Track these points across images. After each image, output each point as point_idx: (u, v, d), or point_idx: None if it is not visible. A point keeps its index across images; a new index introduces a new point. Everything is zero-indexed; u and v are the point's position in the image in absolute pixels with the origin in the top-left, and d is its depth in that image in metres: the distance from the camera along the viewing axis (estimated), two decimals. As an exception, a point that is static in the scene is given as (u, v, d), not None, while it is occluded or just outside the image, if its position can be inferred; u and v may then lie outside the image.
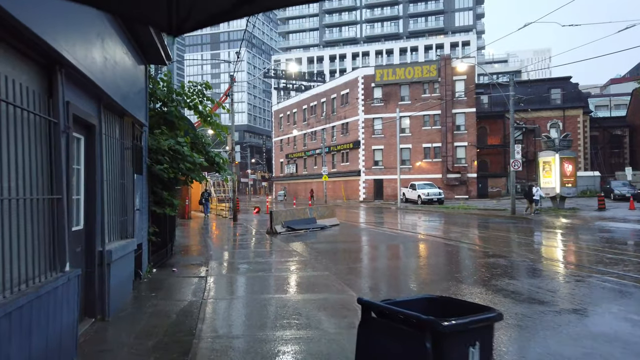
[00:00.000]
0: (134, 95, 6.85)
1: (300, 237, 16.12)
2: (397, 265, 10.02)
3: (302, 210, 19.12)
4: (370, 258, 11.52)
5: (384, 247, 13.38)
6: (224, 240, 14.68)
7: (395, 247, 13.21)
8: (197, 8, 1.93)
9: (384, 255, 11.94)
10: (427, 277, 8.48)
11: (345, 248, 13.15)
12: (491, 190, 45.07)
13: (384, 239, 15.26)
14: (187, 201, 24.06)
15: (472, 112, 44.90)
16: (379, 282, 8.30)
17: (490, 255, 10.98)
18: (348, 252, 12.30)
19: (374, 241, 15.01)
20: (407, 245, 13.37)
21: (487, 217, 24.85)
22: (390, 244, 14.08)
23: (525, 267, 9.41)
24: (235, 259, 10.79)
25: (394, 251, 12.55)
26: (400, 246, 13.34)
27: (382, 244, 14.25)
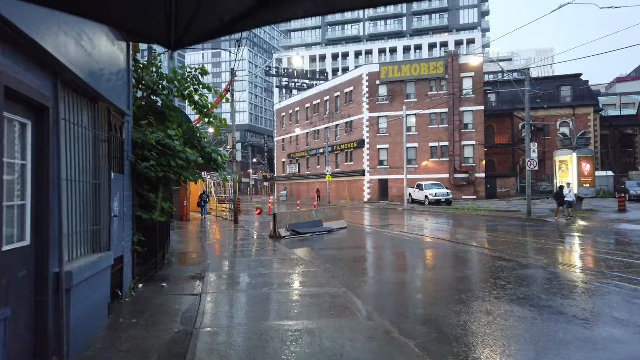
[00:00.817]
0: (111, 76, 5.61)
1: (306, 242, 14.87)
2: (424, 279, 8.75)
3: (308, 212, 17.87)
4: (389, 269, 10.25)
5: (402, 255, 12.11)
6: (223, 246, 13.43)
7: (415, 255, 11.94)
8: (197, 23, 1.99)
9: (404, 265, 10.67)
10: (471, 294, 7.23)
11: (357, 256, 11.88)
12: (500, 191, 43.75)
13: (399, 245, 14.00)
14: (185, 202, 22.83)
15: (481, 110, 43.59)
16: (407, 303, 7.03)
17: (523, 265, 9.71)
18: (361, 262, 11.03)
19: (389, 247, 13.75)
20: (426, 253, 12.10)
21: (502, 220, 23.55)
22: (407, 250, 12.81)
23: (569, 282, 8.14)
24: (235, 269, 9.53)
25: (415, 260, 11.28)
26: (419, 253, 12.07)
27: (399, 250, 12.98)
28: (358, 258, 11.43)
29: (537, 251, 12.10)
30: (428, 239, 14.93)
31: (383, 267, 10.29)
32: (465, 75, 43.34)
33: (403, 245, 13.85)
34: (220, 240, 15.02)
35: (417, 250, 12.51)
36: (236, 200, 21.45)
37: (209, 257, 10.84)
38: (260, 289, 7.36)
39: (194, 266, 9.75)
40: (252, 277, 8.51)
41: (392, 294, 7.57)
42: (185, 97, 8.42)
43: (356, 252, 12.68)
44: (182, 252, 12.15)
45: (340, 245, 14.13)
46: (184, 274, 8.82)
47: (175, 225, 19.89)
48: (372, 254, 12.40)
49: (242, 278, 8.46)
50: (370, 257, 11.86)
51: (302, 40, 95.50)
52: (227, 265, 9.86)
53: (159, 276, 8.36)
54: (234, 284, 8.02)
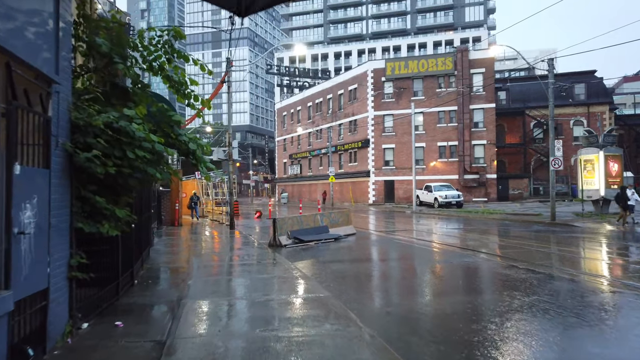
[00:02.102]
0: (20, 16, 3.59)
1: (310, 251, 12.83)
2: (473, 308, 6.69)
3: (312, 217, 15.82)
4: (419, 292, 8.19)
5: (427, 271, 10.03)
6: (212, 259, 11.37)
7: (443, 272, 9.87)
8: None
9: (435, 287, 8.60)
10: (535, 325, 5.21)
11: (372, 272, 9.84)
12: (512, 193, 41.64)
13: (419, 256, 11.94)
14: (177, 205, 20.81)
15: (492, 108, 41.51)
16: (460, 350, 4.99)
17: (605, 290, 7.65)
18: (380, 280, 8.99)
19: (407, 259, 11.69)
20: (456, 269, 10.04)
21: (524, 225, 21.48)
22: (430, 264, 10.74)
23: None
24: (220, 294, 7.45)
25: (446, 280, 9.21)
26: (448, 270, 10.00)
27: (421, 264, 10.91)
28: (374, 275, 9.38)
29: (603, 266, 10.05)
30: (451, 249, 12.86)
31: (411, 290, 8.22)
32: (475, 71, 41.30)
33: (423, 256, 11.78)
34: (211, 251, 12.97)
35: (443, 265, 10.44)
36: (232, 203, 19.41)
37: (193, 275, 8.80)
38: (253, 330, 5.30)
39: (172, 288, 7.71)
40: (241, 308, 6.46)
41: (431, 332, 5.53)
42: (155, 69, 6.39)
43: (370, 266, 10.62)
44: (162, 266, 10.10)
45: (350, 256, 12.08)
46: (155, 301, 6.77)
47: (164, 231, 17.86)
48: (391, 270, 10.33)
49: (229, 309, 6.41)
50: (389, 273, 9.80)
51: (304, 39, 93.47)
52: (212, 288, 7.80)
53: (120, 306, 6.32)
54: (217, 319, 5.96)
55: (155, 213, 15.91)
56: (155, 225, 15.44)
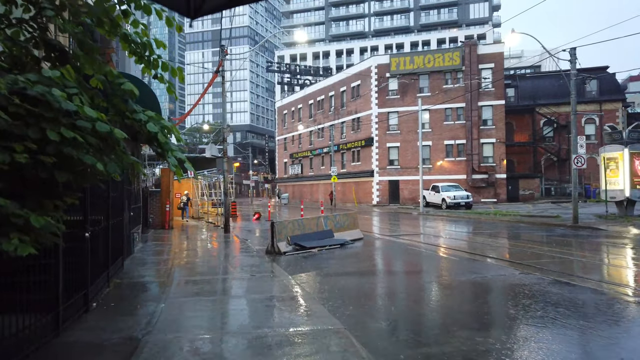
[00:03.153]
0: None
1: (312, 260, 11.14)
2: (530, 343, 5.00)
3: (315, 220, 14.13)
4: (456, 322, 6.49)
5: (460, 288, 8.32)
6: (198, 271, 9.67)
7: (479, 289, 8.16)
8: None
9: (478, 314, 6.90)
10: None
11: (393, 290, 8.13)
12: (523, 193, 39.90)
13: (444, 268, 10.22)
14: (167, 207, 19.11)
15: (501, 105, 39.77)
16: None
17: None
18: (406, 303, 7.29)
19: (428, 270, 9.98)
20: (490, 284, 8.33)
21: (545, 228, 19.77)
22: (461, 279, 9.01)
23: None
24: (198, 328, 5.72)
25: (491, 301, 7.51)
26: (483, 286, 8.29)
27: (450, 278, 9.20)
28: (396, 295, 7.68)
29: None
30: (476, 258, 11.15)
31: (446, 318, 6.52)
32: (484, 66, 39.58)
33: (447, 268, 10.07)
34: (199, 260, 11.27)
35: (477, 280, 8.73)
36: (227, 204, 17.71)
37: (170, 294, 7.10)
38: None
39: (138, 315, 6.01)
40: (226, 349, 4.77)
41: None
42: (107, 28, 4.69)
43: (386, 281, 8.91)
44: (137, 281, 8.41)
45: (360, 267, 10.37)
46: (108, 337, 5.07)
47: (151, 236, 16.17)
48: (415, 287, 8.60)
49: (207, 351, 4.71)
50: (415, 293, 8.07)
51: (305, 37, 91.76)
52: (189, 314, 6.10)
53: (57, 346, 4.63)
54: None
55: (141, 215, 14.22)
56: (139, 229, 13.75)
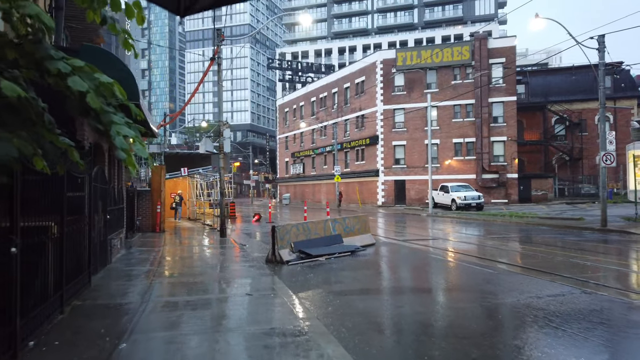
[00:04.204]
0: None
1: (320, 272, 9.46)
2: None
3: (321, 223, 12.45)
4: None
5: (511, 311, 6.62)
6: (182, 288, 7.99)
7: (536, 313, 6.46)
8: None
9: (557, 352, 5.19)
10: None
11: (427, 315, 6.44)
12: (535, 194, 38.16)
13: (480, 283, 8.53)
14: (158, 208, 17.43)
15: (512, 101, 38.06)
16: None
17: None
18: (452, 338, 5.61)
19: (472, 290, 8.26)
20: (552, 306, 6.64)
21: (572, 232, 18.06)
22: (506, 298, 7.34)
23: None
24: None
25: (563, 330, 5.82)
26: (539, 308, 6.59)
27: (490, 296, 7.50)
28: (433, 325, 5.97)
29: None
30: (512, 270, 9.46)
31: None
32: (494, 61, 37.87)
33: (482, 282, 8.36)
34: (186, 271, 9.59)
35: (527, 301, 7.00)
36: (223, 204, 16.04)
37: (137, 325, 5.43)
38: None
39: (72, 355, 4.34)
40: None
41: None
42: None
43: (416, 303, 7.20)
44: (102, 302, 6.72)
45: (379, 281, 8.70)
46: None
47: (137, 241, 14.50)
48: (454, 311, 6.89)
49: None
50: (457, 320, 6.36)
51: (307, 34, 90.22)
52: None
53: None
54: None
55: (124, 218, 12.55)
56: (121, 234, 12.08)
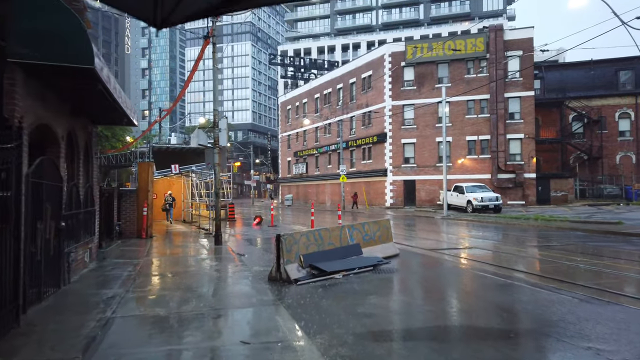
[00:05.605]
0: None
1: (338, 295, 7.21)
2: None
3: (336, 231, 10.18)
4: None
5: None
6: (149, 326, 5.74)
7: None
8: (184, 4, 1.94)
9: None
10: None
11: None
12: (554, 195, 35.82)
13: (565, 315, 6.25)
14: (145, 210, 15.16)
15: (530, 96, 35.76)
16: None
17: None
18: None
19: (560, 328, 6.02)
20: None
21: (617, 237, 15.79)
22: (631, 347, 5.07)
23: None
24: None
25: None
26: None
27: (603, 346, 5.24)
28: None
29: None
30: (606, 298, 7.19)
31: None
32: (511, 54, 35.56)
33: (573, 317, 6.10)
34: (165, 295, 7.32)
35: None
36: (218, 206, 13.77)
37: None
38: None
39: None
40: None
41: None
42: None
43: (490, 354, 4.95)
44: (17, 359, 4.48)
45: (422, 314, 6.43)
46: None
47: (116, 250, 12.23)
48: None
49: None
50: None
51: (309, 31, 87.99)
52: None
53: None
54: None
55: (95, 223, 10.30)
56: (91, 243, 9.83)
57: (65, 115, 7.87)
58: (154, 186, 24.59)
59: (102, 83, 6.39)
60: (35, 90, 6.27)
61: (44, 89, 6.62)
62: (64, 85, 6.84)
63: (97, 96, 7.32)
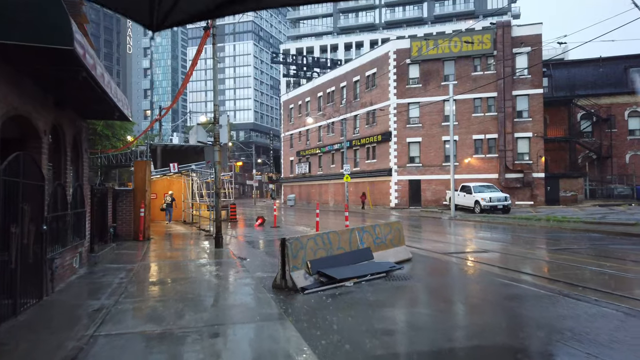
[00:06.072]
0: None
1: (350, 305, 6.46)
2: None
3: (346, 234, 9.43)
4: None
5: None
6: (134, 346, 4.99)
7: None
8: (183, 4, 1.92)
9: None
10: None
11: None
12: (564, 195, 34.98)
13: (625, 338, 5.50)
14: (142, 211, 14.44)
15: (539, 94, 34.94)
16: None
17: None
18: None
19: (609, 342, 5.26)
20: None
21: (636, 239, 15.02)
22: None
23: None
24: None
25: None
26: None
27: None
28: None
29: None
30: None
31: None
32: (518, 50, 34.74)
33: (613, 328, 5.35)
34: (158, 309, 6.59)
35: None
36: (219, 207, 13.03)
37: None
38: None
39: None
40: None
41: None
42: None
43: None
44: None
45: (451, 330, 5.68)
46: None
47: (110, 253, 11.49)
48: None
49: None
50: None
51: (312, 29, 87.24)
52: None
53: None
54: None
55: (86, 224, 9.58)
56: (81, 247, 9.11)
57: (49, 107, 7.14)
58: (154, 186, 23.92)
59: (86, 69, 5.65)
60: (8, 77, 5.53)
61: (18, 76, 5.88)
62: (43, 72, 6.10)
63: (83, 86, 6.58)
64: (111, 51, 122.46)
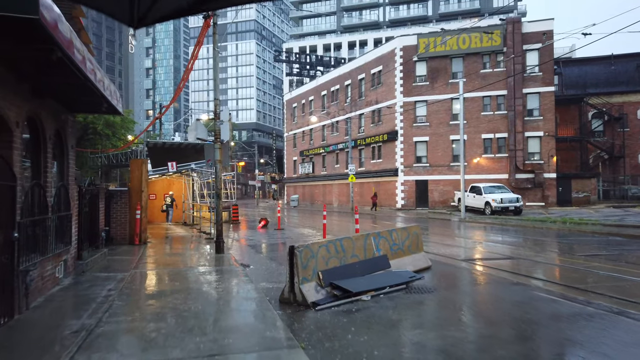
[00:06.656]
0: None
1: (371, 326, 5.51)
2: None
3: (360, 240, 8.47)
4: None
5: None
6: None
7: None
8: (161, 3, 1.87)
9: None
10: None
11: None
12: (576, 196, 33.95)
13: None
14: (138, 214, 13.51)
15: (550, 92, 33.91)
16: None
17: None
18: None
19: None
20: None
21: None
22: None
23: None
24: None
25: None
26: None
27: None
28: None
29: None
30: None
31: None
32: (529, 47, 33.71)
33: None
34: (145, 330, 5.66)
35: None
36: (219, 209, 12.10)
37: None
38: None
39: None
40: None
41: None
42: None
43: None
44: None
45: (487, 357, 4.74)
46: None
47: (100, 259, 10.57)
48: None
49: None
50: None
51: (315, 28, 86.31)
52: None
53: None
54: None
55: (72, 228, 8.65)
56: (67, 254, 8.19)
57: (23, 96, 6.21)
58: (153, 186, 23.02)
59: (59, 47, 4.71)
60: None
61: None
62: (11, 54, 5.17)
63: (62, 71, 5.66)
64: (113, 50, 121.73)
